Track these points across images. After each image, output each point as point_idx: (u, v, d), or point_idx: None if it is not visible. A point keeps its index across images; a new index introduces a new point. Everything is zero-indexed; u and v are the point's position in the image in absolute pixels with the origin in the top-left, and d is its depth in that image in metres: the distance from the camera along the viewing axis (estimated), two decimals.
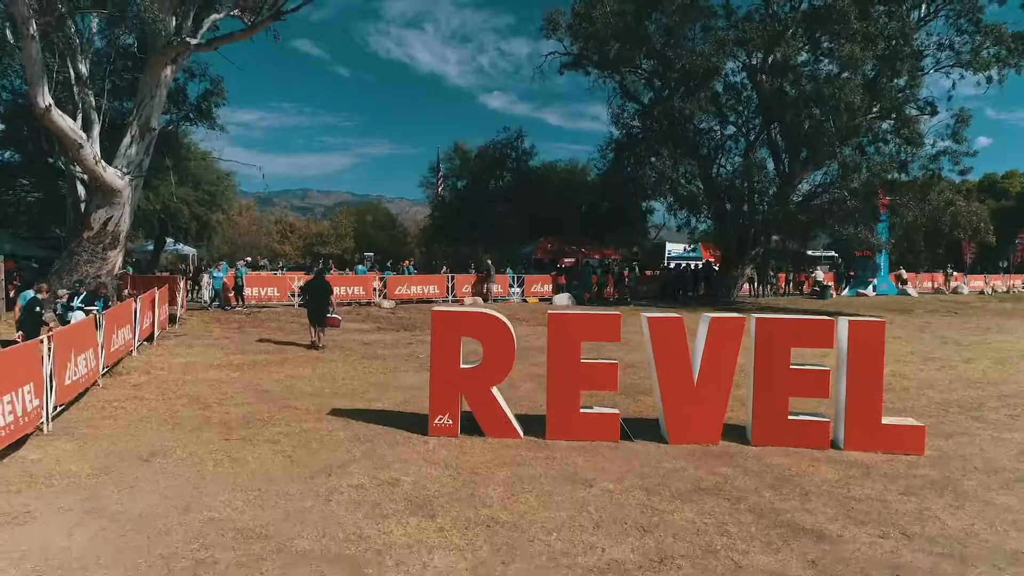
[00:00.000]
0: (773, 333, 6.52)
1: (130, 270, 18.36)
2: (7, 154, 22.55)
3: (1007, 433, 7.12)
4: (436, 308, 6.92)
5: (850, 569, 3.94)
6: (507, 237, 31.93)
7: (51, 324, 8.98)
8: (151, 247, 28.08)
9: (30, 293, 9.16)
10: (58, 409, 6.83)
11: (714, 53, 20.85)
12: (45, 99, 12.20)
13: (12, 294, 14.91)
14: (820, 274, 28.97)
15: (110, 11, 12.97)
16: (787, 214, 20.02)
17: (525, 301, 23.30)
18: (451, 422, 6.59)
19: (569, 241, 30.92)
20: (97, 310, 9.80)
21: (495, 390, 6.66)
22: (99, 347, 8.28)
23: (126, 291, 12.29)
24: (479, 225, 31.16)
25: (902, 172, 20.31)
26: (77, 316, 8.75)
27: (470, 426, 6.66)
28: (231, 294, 18.29)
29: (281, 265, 30.46)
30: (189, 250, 30.11)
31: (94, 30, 14.47)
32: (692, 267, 27.78)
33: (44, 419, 6.33)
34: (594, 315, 7.03)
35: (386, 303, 20.33)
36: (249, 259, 25.71)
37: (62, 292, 10.82)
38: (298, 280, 20.41)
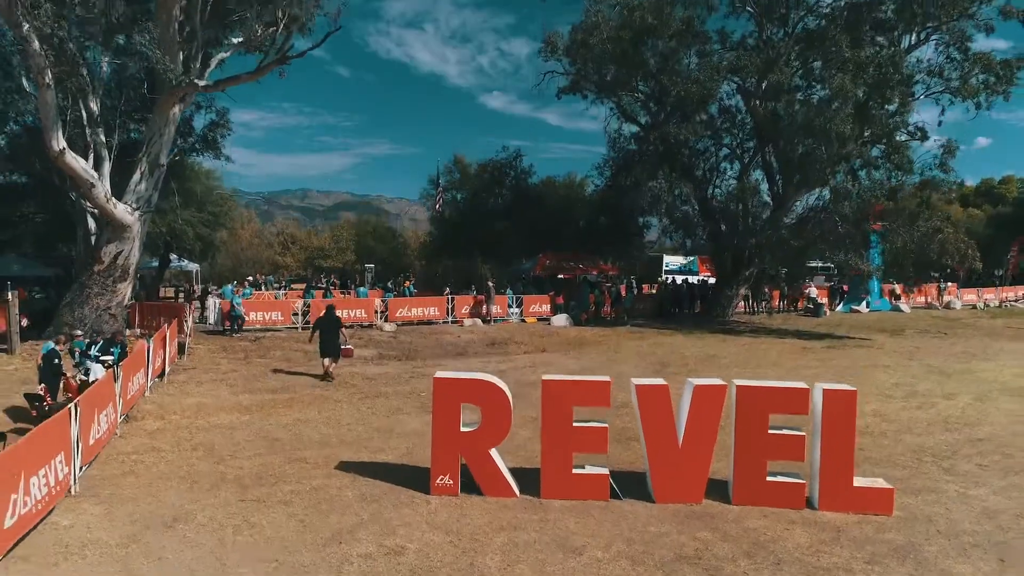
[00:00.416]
0: (752, 400, 6.97)
1: (137, 297, 18.80)
2: (13, 176, 22.95)
3: (973, 488, 7.57)
4: (438, 375, 7.33)
5: None
6: (507, 253, 32.39)
7: (70, 375, 9.41)
8: (155, 264, 28.53)
9: (50, 344, 9.60)
10: (83, 468, 7.28)
11: (708, 80, 21.32)
12: (59, 143, 12.66)
13: (25, 323, 15.37)
14: (814, 290, 29.39)
15: (123, 59, 13.39)
16: (779, 239, 20.51)
17: (524, 321, 23.77)
18: (451, 482, 7.04)
19: (568, 257, 31.38)
20: (114, 358, 10.25)
21: (493, 452, 7.11)
22: (117, 399, 8.72)
23: (137, 329, 12.66)
24: (479, 241, 31.61)
25: (891, 199, 20.79)
26: (96, 369, 9.18)
27: (469, 482, 7.12)
28: (227, 321, 18.72)
29: (284, 282, 30.83)
30: (193, 266, 30.56)
31: (104, 70, 14.88)
32: (688, 284, 28.24)
33: (72, 482, 6.78)
34: (586, 382, 7.41)
35: (388, 326, 20.78)
36: (251, 279, 26.12)
37: (77, 332, 11.25)
38: (300, 303, 20.90)
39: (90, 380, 8.90)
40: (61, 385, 9.59)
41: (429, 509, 6.67)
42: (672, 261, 38.77)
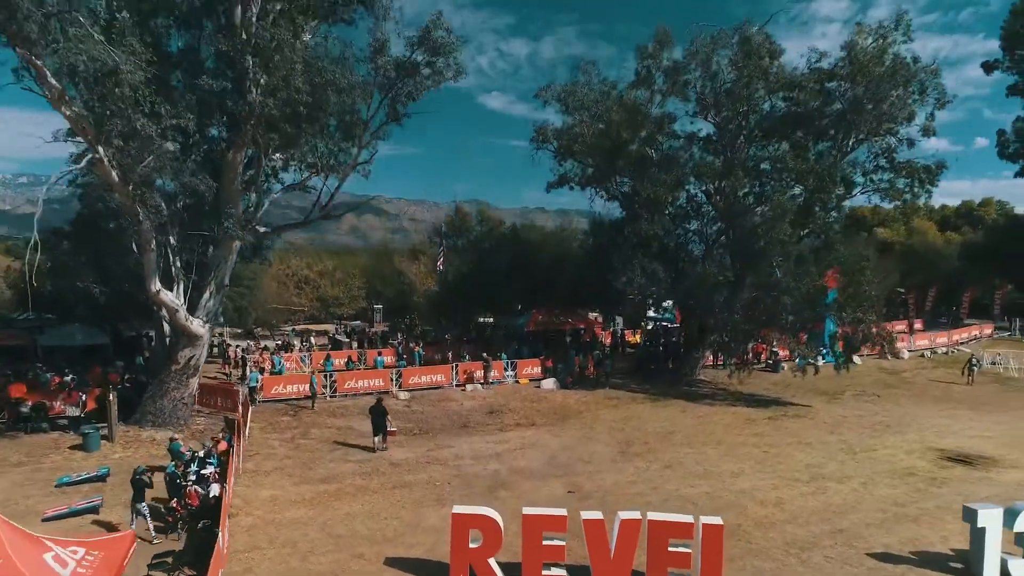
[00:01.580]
0: (658, 529, 10.71)
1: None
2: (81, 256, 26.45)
3: None
4: (455, 510, 11.04)
5: None
6: (503, 308, 36.20)
7: (188, 487, 13.09)
8: None
9: (172, 467, 13.34)
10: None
11: (674, 184, 25.16)
12: (156, 285, 16.42)
13: (113, 399, 18.83)
14: (777, 344, 33.03)
15: (203, 228, 17.15)
16: (733, 323, 24.38)
17: (517, 382, 27.53)
18: None
19: (558, 312, 35.19)
20: (213, 466, 14.00)
21: (491, 560, 10.86)
22: (228, 509, 12.45)
23: (222, 433, 16.38)
24: (479, 298, 35.45)
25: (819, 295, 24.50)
26: (214, 488, 12.87)
27: None
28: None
29: (305, 339, 34.52)
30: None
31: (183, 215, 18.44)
32: (662, 344, 32.02)
33: None
34: (550, 517, 11.08)
35: (402, 395, 24.52)
36: (280, 341, 29.88)
37: (183, 449, 14.98)
38: (324, 361, 24.63)
39: (210, 495, 12.62)
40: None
41: None
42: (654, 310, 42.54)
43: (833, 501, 15.09)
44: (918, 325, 49.89)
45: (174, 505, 12.56)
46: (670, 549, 10.65)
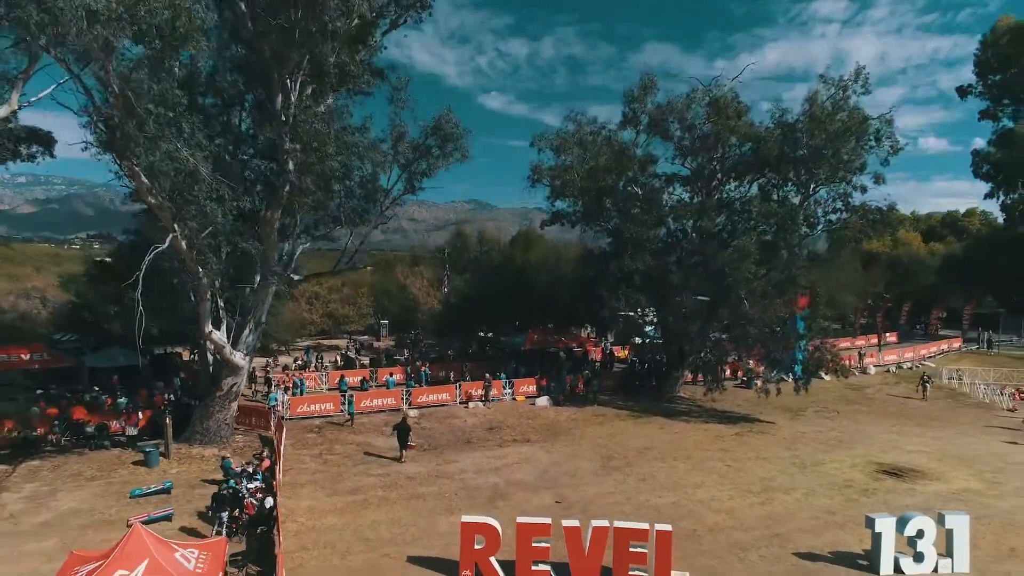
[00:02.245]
0: (621, 535, 13.73)
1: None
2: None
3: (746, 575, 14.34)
4: (464, 519, 14.07)
5: None
6: (503, 326, 39.26)
7: (247, 499, 16.08)
8: None
9: (232, 483, 16.35)
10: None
11: (655, 224, 28.22)
12: (209, 327, 19.46)
13: (169, 422, 21.73)
14: (751, 361, 36.10)
15: (247, 279, 20.16)
16: (707, 348, 27.42)
17: (515, 399, 30.56)
18: (469, 573, 13.82)
19: (553, 331, 38.25)
20: (259, 481, 17.03)
21: (492, 559, 13.88)
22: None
23: (265, 452, 19.40)
24: (480, 318, 38.52)
25: (786, 322, 27.56)
26: (268, 500, 15.86)
27: (477, 574, 13.85)
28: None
29: (319, 356, 37.50)
30: None
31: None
32: (647, 364, 35.05)
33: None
34: (538, 525, 14.09)
35: (412, 412, 27.52)
36: (299, 360, 32.81)
37: (234, 466, 17.99)
38: (347, 397, 27.65)
39: (266, 506, 15.64)
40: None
41: None
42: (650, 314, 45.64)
43: (776, 510, 18.13)
44: (893, 338, 53.05)
45: (236, 514, 15.57)
46: (631, 550, 13.68)
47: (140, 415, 22.57)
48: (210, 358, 22.20)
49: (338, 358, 38.33)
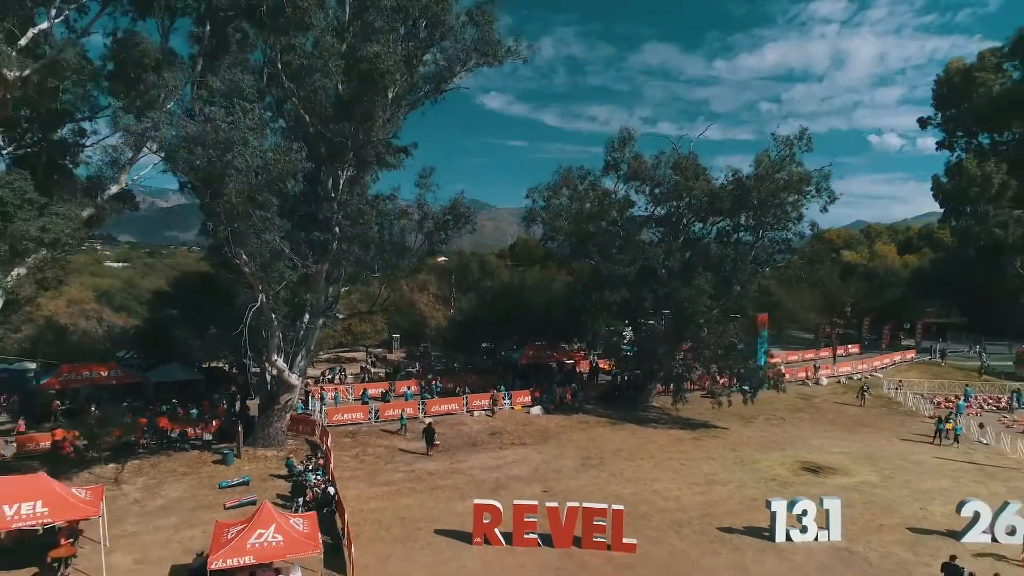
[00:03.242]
0: (588, 512, 19.33)
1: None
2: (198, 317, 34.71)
3: (679, 542, 19.91)
4: (476, 502, 19.70)
5: None
6: (503, 342, 44.94)
7: (310, 487, 21.63)
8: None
9: (311, 476, 21.91)
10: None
11: (630, 262, 33.88)
12: (275, 356, 25.07)
13: (240, 429, 27.22)
14: (721, 377, 41.60)
15: (302, 318, 25.83)
16: (670, 366, 33.14)
17: (513, 409, 36.17)
18: (479, 539, 19.40)
19: (546, 347, 43.88)
20: (319, 476, 22.63)
21: (496, 529, 19.49)
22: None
23: (319, 453, 24.97)
24: (484, 336, 44.21)
25: (735, 345, 33.16)
26: (331, 490, 21.40)
27: (484, 540, 19.42)
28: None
29: (342, 371, 43.14)
30: None
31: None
32: (627, 377, 40.67)
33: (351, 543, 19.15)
34: (529, 506, 19.71)
35: (427, 420, 33.09)
36: (326, 375, 38.39)
37: (299, 467, 23.58)
38: (363, 393, 33.18)
39: (329, 493, 21.20)
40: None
41: (472, 549, 19.03)
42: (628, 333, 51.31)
43: (712, 498, 23.74)
44: (855, 350, 58.67)
45: (308, 499, 21.18)
46: (595, 523, 19.28)
47: (213, 423, 28.16)
48: (269, 379, 27.78)
49: (359, 371, 43.95)
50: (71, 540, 17.44)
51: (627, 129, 36.96)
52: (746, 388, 33.07)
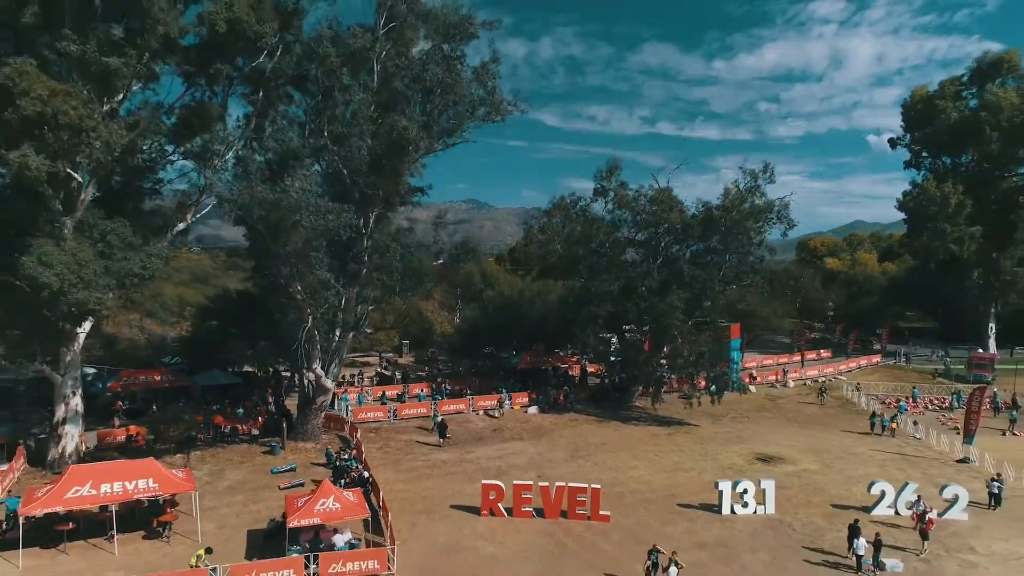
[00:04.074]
0: (572, 491, 24.48)
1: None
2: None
3: (645, 515, 25.01)
4: (483, 482, 24.82)
5: None
6: (504, 349, 50.18)
7: (351, 471, 26.72)
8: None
9: (350, 462, 27.00)
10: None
11: (614, 280, 39.06)
12: (315, 364, 30.23)
13: (285, 425, 32.33)
14: (699, 380, 46.70)
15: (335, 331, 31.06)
16: (648, 372, 38.33)
17: (513, 409, 41.29)
18: (486, 512, 24.53)
19: (542, 353, 49.07)
20: (357, 463, 27.80)
21: (500, 504, 24.61)
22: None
23: (353, 445, 30.12)
24: (486, 343, 49.43)
25: (710, 359, 38.32)
26: (365, 473, 26.49)
27: (490, 513, 24.52)
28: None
29: (361, 375, 48.34)
30: None
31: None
32: (615, 380, 45.80)
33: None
34: (527, 485, 24.84)
35: (438, 418, 38.21)
36: (346, 378, 43.61)
37: (334, 452, 28.69)
38: (381, 395, 38.33)
39: (364, 476, 26.29)
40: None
41: (480, 519, 24.16)
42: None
43: (677, 482, 28.85)
44: (827, 354, 63.76)
45: (347, 480, 26.28)
46: (578, 499, 24.39)
47: (259, 420, 33.32)
48: (306, 383, 32.92)
49: (375, 375, 49.16)
50: (172, 509, 22.57)
51: (613, 159, 42.19)
52: (713, 391, 38.13)
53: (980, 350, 60.21)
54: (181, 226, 29.70)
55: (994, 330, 65.01)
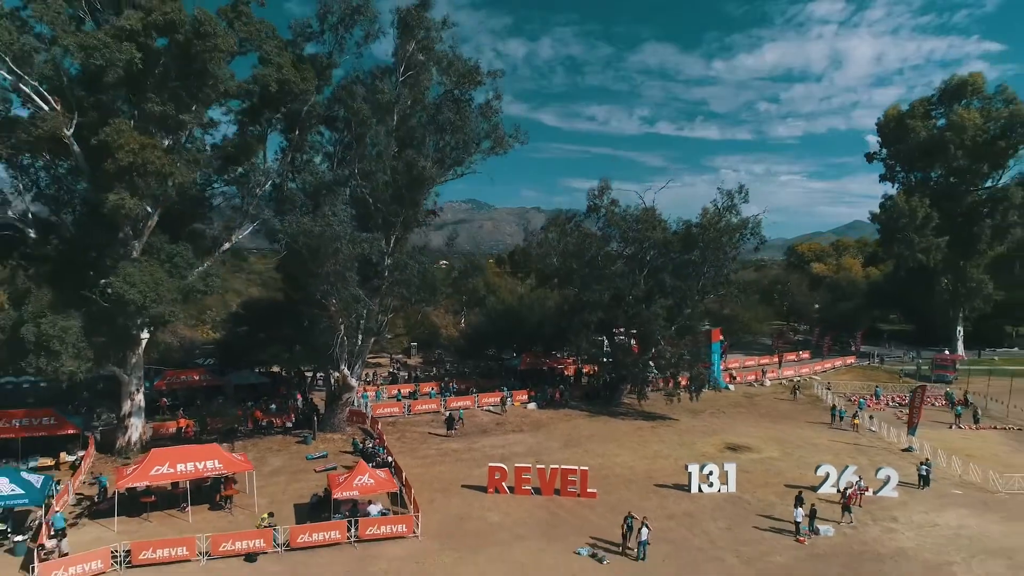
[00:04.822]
0: (564, 473, 29.14)
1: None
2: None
3: (627, 494, 29.66)
4: (489, 465, 29.47)
5: None
6: (506, 350, 54.87)
7: (377, 456, 31.35)
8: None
9: (374, 449, 31.63)
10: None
11: (605, 290, 43.75)
12: (341, 366, 34.84)
13: (316, 418, 37.06)
14: (682, 379, 51.35)
15: (359, 337, 35.72)
16: (635, 372, 43.02)
17: (514, 405, 45.95)
18: (492, 490, 29.17)
19: (540, 354, 53.75)
20: (381, 450, 32.47)
21: (503, 483, 29.25)
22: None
23: (376, 435, 34.81)
24: (489, 345, 54.11)
25: (690, 360, 42.98)
26: (389, 458, 31.08)
27: (496, 490, 29.14)
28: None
29: (375, 375, 53.03)
30: None
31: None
32: (607, 378, 50.42)
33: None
34: (526, 467, 29.51)
35: (447, 413, 42.83)
36: (368, 381, 48.40)
37: (360, 442, 33.33)
38: (396, 393, 43.06)
39: (390, 461, 30.90)
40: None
41: (487, 496, 28.79)
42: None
43: (655, 467, 33.50)
44: (807, 355, 68.34)
45: (375, 464, 30.94)
46: (569, 479, 29.02)
47: (291, 415, 38.00)
48: (332, 381, 37.58)
49: (388, 374, 53.86)
50: (234, 485, 27.24)
51: (605, 180, 46.90)
52: (691, 389, 42.84)
53: (946, 352, 64.94)
54: (227, 246, 34.34)
55: (962, 333, 69.73)
